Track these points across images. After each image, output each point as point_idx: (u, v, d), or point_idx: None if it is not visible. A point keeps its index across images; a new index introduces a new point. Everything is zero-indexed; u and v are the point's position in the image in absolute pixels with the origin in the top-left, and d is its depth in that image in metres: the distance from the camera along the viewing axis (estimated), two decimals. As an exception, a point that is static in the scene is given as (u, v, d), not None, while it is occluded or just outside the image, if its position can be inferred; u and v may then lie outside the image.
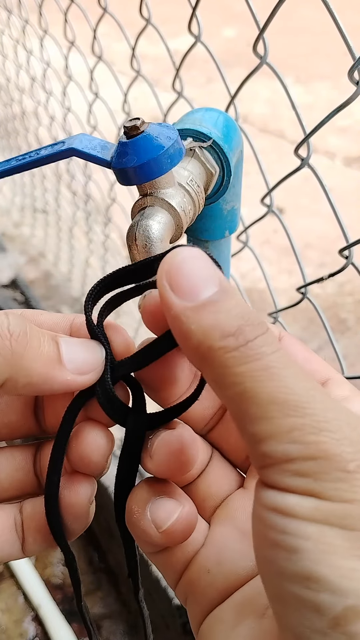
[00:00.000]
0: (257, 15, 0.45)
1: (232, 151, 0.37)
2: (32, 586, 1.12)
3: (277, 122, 3.00)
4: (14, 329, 0.25)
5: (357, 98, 0.39)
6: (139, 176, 0.31)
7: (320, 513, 0.21)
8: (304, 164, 0.49)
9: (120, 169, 0.31)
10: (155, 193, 0.33)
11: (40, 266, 1.78)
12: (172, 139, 0.31)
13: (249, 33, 0.64)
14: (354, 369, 1.56)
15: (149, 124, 0.31)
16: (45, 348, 0.26)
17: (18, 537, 0.31)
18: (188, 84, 0.64)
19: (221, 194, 0.39)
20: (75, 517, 0.29)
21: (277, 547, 0.21)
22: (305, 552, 0.21)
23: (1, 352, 0.25)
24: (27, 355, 0.25)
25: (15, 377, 0.25)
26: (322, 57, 3.54)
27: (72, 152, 0.33)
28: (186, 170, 0.35)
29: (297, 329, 1.68)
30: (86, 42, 0.87)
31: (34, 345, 0.26)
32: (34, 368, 0.26)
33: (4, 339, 0.25)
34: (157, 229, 0.32)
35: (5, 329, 0.25)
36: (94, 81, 0.94)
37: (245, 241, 0.67)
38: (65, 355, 0.27)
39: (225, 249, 0.44)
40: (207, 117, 0.38)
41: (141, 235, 0.31)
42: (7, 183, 2.17)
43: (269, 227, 1.59)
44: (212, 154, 0.37)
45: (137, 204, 0.33)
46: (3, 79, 1.76)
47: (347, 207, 1.06)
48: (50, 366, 0.26)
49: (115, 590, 1.14)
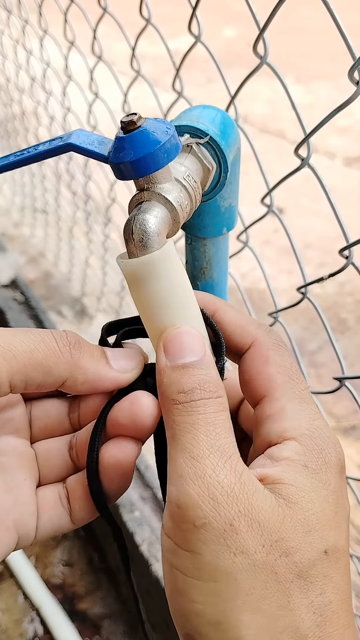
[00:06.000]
0: (257, 15, 0.45)
1: (229, 148, 0.37)
2: (32, 586, 1.12)
3: (277, 122, 3.00)
4: (71, 339, 0.33)
5: (358, 98, 0.39)
6: (135, 171, 0.31)
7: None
8: (304, 164, 0.49)
9: (117, 163, 0.31)
10: (152, 188, 0.33)
11: (40, 266, 1.78)
12: (168, 134, 0.31)
13: (249, 33, 0.64)
14: (354, 369, 1.56)
15: (146, 119, 0.31)
16: (96, 353, 0.34)
17: (65, 509, 0.36)
18: (188, 84, 0.64)
19: (218, 190, 0.39)
20: (122, 474, 0.34)
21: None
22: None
23: (64, 357, 0.32)
24: (83, 358, 0.33)
25: (75, 375, 0.32)
26: (322, 57, 3.54)
27: (70, 147, 0.33)
28: (183, 165, 0.35)
29: (297, 329, 1.68)
30: (86, 42, 0.87)
31: (87, 351, 0.33)
32: (89, 368, 0.33)
33: (65, 345, 0.32)
34: (154, 223, 0.32)
35: (65, 339, 0.32)
36: (93, 81, 0.94)
37: (245, 241, 0.67)
38: (111, 359, 0.34)
39: (223, 246, 0.44)
40: (204, 114, 0.38)
41: (138, 229, 0.31)
42: (7, 183, 2.17)
43: (269, 227, 1.59)
44: (209, 150, 0.37)
45: (134, 198, 0.34)
46: (3, 79, 1.76)
47: (347, 207, 1.06)
48: (101, 367, 0.33)
49: (115, 590, 1.14)
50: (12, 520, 0.34)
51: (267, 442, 0.31)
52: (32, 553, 1.22)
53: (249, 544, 0.26)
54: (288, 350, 0.34)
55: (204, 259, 0.44)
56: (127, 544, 1.01)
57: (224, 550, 0.26)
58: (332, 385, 0.59)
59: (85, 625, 1.10)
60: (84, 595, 1.15)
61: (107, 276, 1.46)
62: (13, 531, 0.34)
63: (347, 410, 1.39)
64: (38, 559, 1.20)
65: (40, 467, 0.37)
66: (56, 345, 0.32)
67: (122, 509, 1.00)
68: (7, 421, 0.36)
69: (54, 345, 0.32)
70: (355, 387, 0.57)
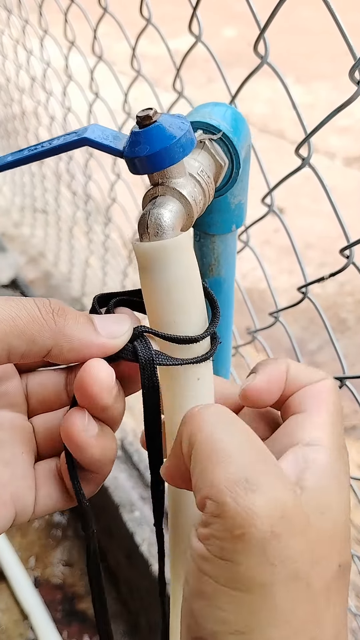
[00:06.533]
0: (258, 15, 0.45)
1: (241, 144, 0.38)
2: (24, 593, 1.11)
3: (278, 122, 3.00)
4: (54, 306, 0.31)
5: (358, 98, 0.39)
6: (150, 165, 0.32)
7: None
8: (305, 164, 0.49)
9: (132, 158, 0.31)
10: (166, 182, 0.33)
11: (40, 266, 1.78)
12: (183, 129, 0.31)
13: (249, 33, 0.64)
14: (354, 369, 1.56)
15: (162, 114, 0.31)
16: (81, 320, 0.32)
17: (64, 484, 0.35)
18: (188, 84, 0.64)
19: (229, 187, 0.39)
20: (77, 448, 0.32)
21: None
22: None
23: (47, 324, 0.30)
24: (68, 325, 0.31)
25: (60, 343, 0.31)
26: (323, 57, 3.54)
27: (85, 141, 0.33)
28: (197, 161, 0.35)
29: (298, 329, 1.68)
30: (86, 42, 0.87)
31: (71, 318, 0.31)
32: (74, 335, 0.31)
33: (47, 312, 0.30)
34: (169, 217, 0.32)
35: (47, 306, 0.31)
36: (94, 81, 0.94)
37: (246, 241, 0.67)
38: (98, 325, 0.32)
39: (231, 243, 0.45)
40: (215, 110, 0.38)
41: (153, 223, 0.32)
42: (7, 183, 2.17)
43: (269, 227, 1.58)
44: (221, 146, 0.37)
45: (148, 193, 0.34)
46: (3, 79, 1.76)
47: (347, 207, 1.06)
48: (87, 333, 0.31)
49: (115, 590, 1.14)
50: (9, 494, 0.33)
51: (305, 443, 0.30)
52: (32, 553, 1.22)
53: (289, 552, 0.26)
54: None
55: (213, 256, 0.44)
56: (127, 544, 1.02)
57: (263, 561, 0.25)
58: (333, 385, 0.59)
59: (85, 625, 1.10)
60: (84, 595, 1.15)
61: (107, 276, 1.46)
62: (10, 505, 0.33)
63: (348, 410, 1.39)
64: (38, 559, 1.20)
65: (39, 442, 0.37)
66: (39, 313, 0.30)
67: (122, 509, 1.00)
68: (2, 395, 0.35)
69: (36, 313, 0.30)
70: (356, 387, 0.57)
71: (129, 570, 1.04)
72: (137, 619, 1.07)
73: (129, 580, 1.06)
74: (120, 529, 1.00)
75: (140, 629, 1.06)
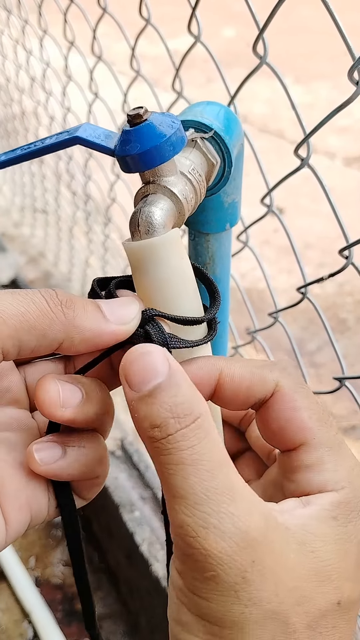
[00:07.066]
0: (257, 15, 0.45)
1: (233, 143, 0.38)
2: (24, 591, 1.11)
3: (277, 122, 3.00)
4: (61, 298, 0.30)
5: (357, 98, 0.39)
6: (141, 163, 0.32)
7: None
8: (304, 164, 0.49)
9: (123, 156, 0.32)
10: (157, 181, 0.33)
11: (40, 266, 1.78)
12: (174, 127, 0.31)
13: (248, 33, 0.64)
14: (353, 369, 1.56)
15: (152, 113, 0.32)
16: (89, 308, 0.31)
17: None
18: (188, 84, 0.64)
19: (222, 185, 0.39)
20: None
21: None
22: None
23: (57, 318, 0.29)
24: (77, 316, 0.30)
25: (71, 336, 0.30)
26: (322, 57, 3.54)
27: (77, 140, 0.33)
28: (188, 159, 0.36)
29: (297, 329, 1.68)
30: (86, 42, 0.87)
31: (80, 308, 0.30)
32: (85, 325, 0.30)
33: (56, 305, 0.30)
34: (160, 215, 0.32)
35: (55, 298, 0.30)
36: (93, 81, 0.94)
37: (245, 241, 0.67)
38: (106, 311, 0.31)
39: (226, 242, 0.45)
40: (208, 109, 0.38)
41: (144, 221, 0.32)
42: (7, 183, 2.17)
43: (268, 227, 1.59)
44: (213, 145, 0.37)
45: (139, 191, 0.34)
46: (3, 79, 1.76)
47: (346, 207, 1.06)
48: (97, 322, 0.31)
49: (115, 590, 1.14)
50: (25, 498, 0.32)
51: (307, 492, 0.29)
52: (32, 553, 1.22)
53: (262, 595, 0.25)
54: (308, 387, 0.32)
55: (207, 255, 0.44)
56: (127, 544, 1.01)
57: (234, 602, 0.25)
58: (332, 385, 0.59)
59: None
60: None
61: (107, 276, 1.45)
62: (26, 509, 0.32)
63: (347, 411, 1.39)
64: (38, 559, 1.20)
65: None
66: (47, 306, 0.29)
67: (122, 509, 1.00)
68: (5, 392, 0.34)
69: (45, 306, 0.29)
70: (355, 387, 0.57)
71: (129, 570, 1.04)
72: (137, 619, 1.07)
73: (129, 580, 1.06)
74: (120, 529, 1.00)
75: (140, 629, 1.06)
